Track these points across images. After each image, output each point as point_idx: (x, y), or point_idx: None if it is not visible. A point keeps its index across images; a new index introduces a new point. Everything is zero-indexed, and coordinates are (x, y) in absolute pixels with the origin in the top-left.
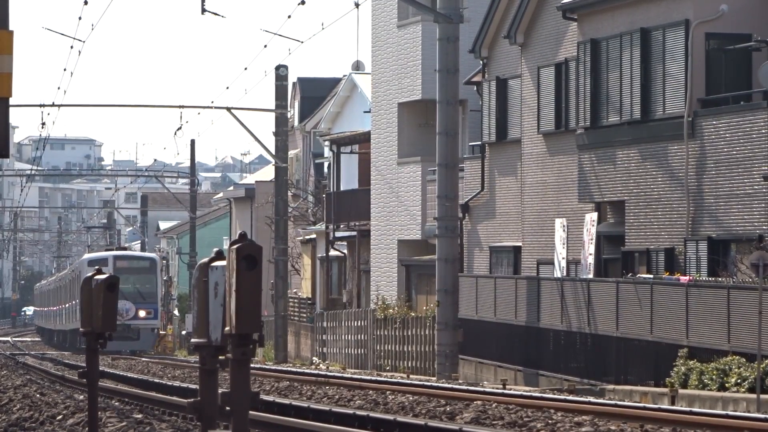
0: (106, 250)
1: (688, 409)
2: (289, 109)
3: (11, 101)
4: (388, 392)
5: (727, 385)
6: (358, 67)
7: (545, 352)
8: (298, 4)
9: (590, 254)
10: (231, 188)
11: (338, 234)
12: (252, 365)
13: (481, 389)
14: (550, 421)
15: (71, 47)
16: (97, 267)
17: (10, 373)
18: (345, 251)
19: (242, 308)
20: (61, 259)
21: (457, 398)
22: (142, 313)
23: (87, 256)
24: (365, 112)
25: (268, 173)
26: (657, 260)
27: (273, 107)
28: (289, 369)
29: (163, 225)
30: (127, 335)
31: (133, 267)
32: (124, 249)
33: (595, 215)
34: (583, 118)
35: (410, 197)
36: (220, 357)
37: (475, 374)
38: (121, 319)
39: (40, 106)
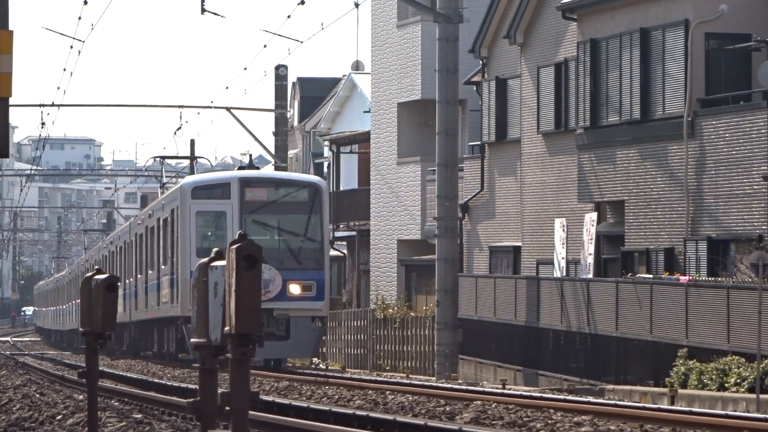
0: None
1: (687, 409)
2: (288, 109)
3: (11, 101)
4: (387, 392)
5: (726, 385)
6: (357, 67)
7: (545, 352)
8: (298, 4)
9: (590, 254)
10: None
11: (338, 234)
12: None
13: (481, 389)
14: (549, 421)
15: (71, 47)
16: (206, 201)
17: (9, 373)
18: (345, 251)
19: (242, 308)
20: (60, 260)
21: (457, 398)
22: (295, 289)
23: (191, 179)
24: (365, 112)
25: None
26: (657, 260)
27: (273, 107)
28: (288, 368)
29: None
30: (264, 330)
31: (279, 200)
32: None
33: (594, 215)
34: (583, 118)
35: (410, 197)
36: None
37: (474, 374)
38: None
39: (40, 106)
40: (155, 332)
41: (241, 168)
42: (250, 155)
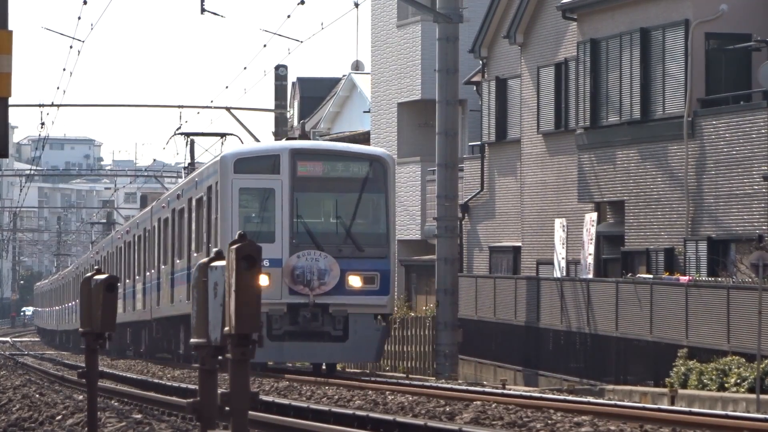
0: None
1: (687, 409)
2: (288, 108)
3: (11, 101)
4: (387, 392)
5: (726, 385)
6: (357, 67)
7: (545, 352)
8: (298, 4)
9: (590, 254)
10: None
11: None
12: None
13: (481, 389)
14: (549, 422)
15: (71, 47)
16: (251, 176)
17: (9, 373)
18: None
19: (242, 308)
20: (61, 257)
21: (457, 398)
22: (355, 281)
23: (233, 149)
24: (365, 112)
25: None
26: (657, 260)
27: (272, 107)
28: (288, 368)
29: None
30: (318, 329)
31: (338, 176)
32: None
33: (594, 215)
34: (583, 118)
35: (410, 197)
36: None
37: (474, 374)
38: (306, 292)
39: (40, 106)
40: (182, 331)
41: (300, 136)
42: (303, 123)
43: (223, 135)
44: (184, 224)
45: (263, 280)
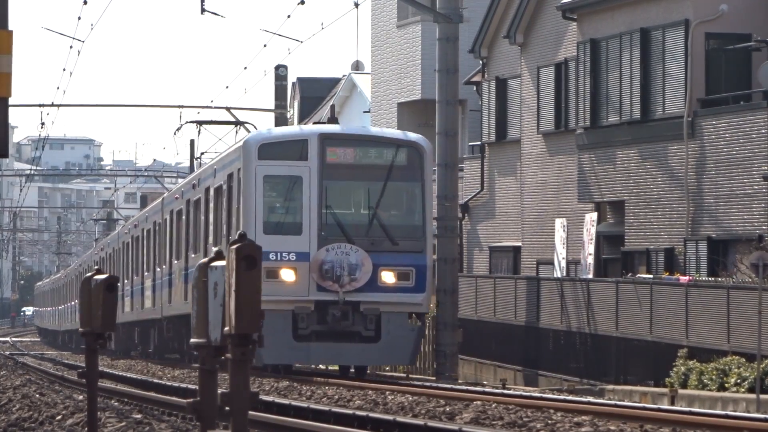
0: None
1: (687, 409)
2: (288, 108)
3: (11, 101)
4: (387, 392)
5: (726, 385)
6: (357, 67)
7: (545, 352)
8: (298, 4)
9: (590, 254)
10: None
11: None
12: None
13: (481, 389)
14: (549, 422)
15: (71, 47)
16: (277, 162)
17: (9, 373)
18: None
19: (242, 308)
20: (62, 256)
21: (457, 398)
22: (388, 277)
23: (257, 134)
24: (365, 112)
25: None
26: (657, 260)
27: (272, 107)
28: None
29: None
30: (348, 329)
31: (370, 163)
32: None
33: (594, 215)
34: (583, 118)
35: None
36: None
37: (474, 374)
38: (335, 289)
39: (40, 106)
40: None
41: (330, 120)
42: (332, 106)
43: (237, 123)
44: (200, 216)
45: (289, 275)
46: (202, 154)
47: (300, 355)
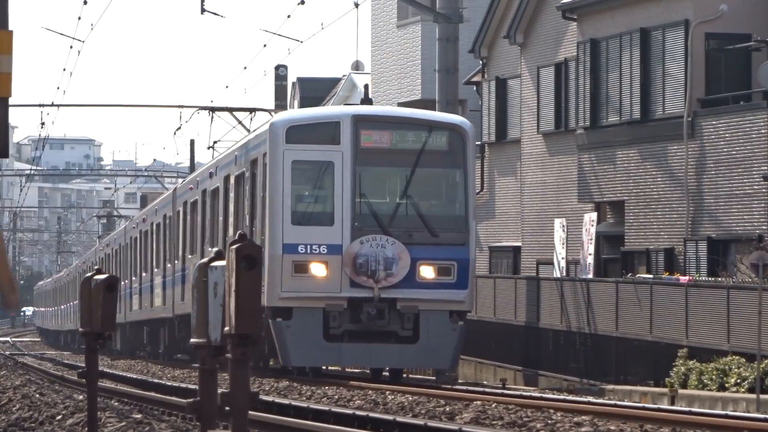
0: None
1: (687, 409)
2: (288, 108)
3: (11, 101)
4: (387, 392)
5: (726, 385)
6: (357, 67)
7: (545, 352)
8: (298, 4)
9: (590, 254)
10: None
11: None
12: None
13: (481, 389)
14: (549, 421)
15: (71, 47)
16: (306, 147)
17: (9, 373)
18: None
19: (241, 308)
20: (62, 256)
21: (457, 398)
22: (428, 272)
23: (284, 115)
24: None
25: None
26: (657, 260)
27: (273, 107)
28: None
29: None
30: (384, 328)
31: (408, 148)
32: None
33: (594, 215)
34: (583, 118)
35: None
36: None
37: (474, 374)
38: (370, 284)
39: (40, 106)
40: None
41: (363, 101)
42: (366, 85)
43: (252, 110)
44: (218, 206)
45: (319, 270)
46: (215, 143)
47: (331, 356)
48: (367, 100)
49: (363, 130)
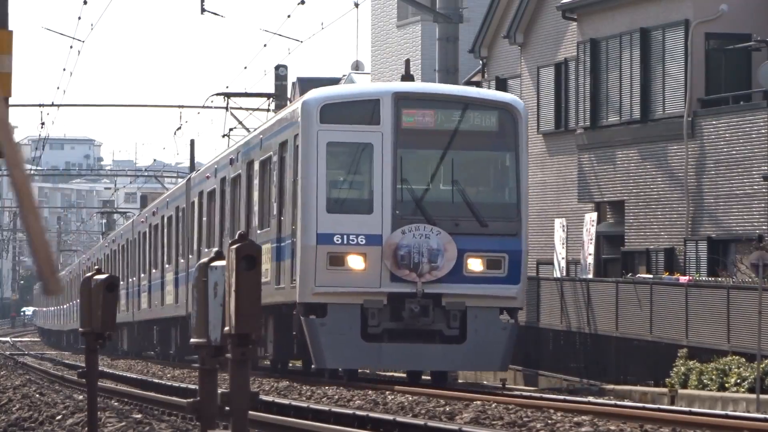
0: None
1: (687, 409)
2: None
3: (11, 101)
4: (387, 392)
5: (726, 385)
6: (357, 67)
7: (545, 352)
8: (298, 4)
9: (590, 254)
10: None
11: None
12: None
13: (481, 389)
14: (549, 421)
15: (71, 47)
16: (342, 127)
17: (9, 373)
18: None
19: (242, 308)
20: (63, 255)
21: (457, 398)
22: (476, 265)
23: (318, 92)
24: None
25: None
26: (657, 260)
27: (273, 107)
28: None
29: None
30: (428, 327)
31: (454, 129)
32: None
33: (594, 215)
34: (583, 118)
35: None
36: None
37: (474, 374)
38: (413, 279)
39: (40, 105)
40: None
41: (405, 77)
42: (407, 60)
43: (269, 96)
44: (239, 195)
45: (357, 263)
46: (231, 130)
47: (369, 357)
48: (408, 77)
49: (404, 109)
